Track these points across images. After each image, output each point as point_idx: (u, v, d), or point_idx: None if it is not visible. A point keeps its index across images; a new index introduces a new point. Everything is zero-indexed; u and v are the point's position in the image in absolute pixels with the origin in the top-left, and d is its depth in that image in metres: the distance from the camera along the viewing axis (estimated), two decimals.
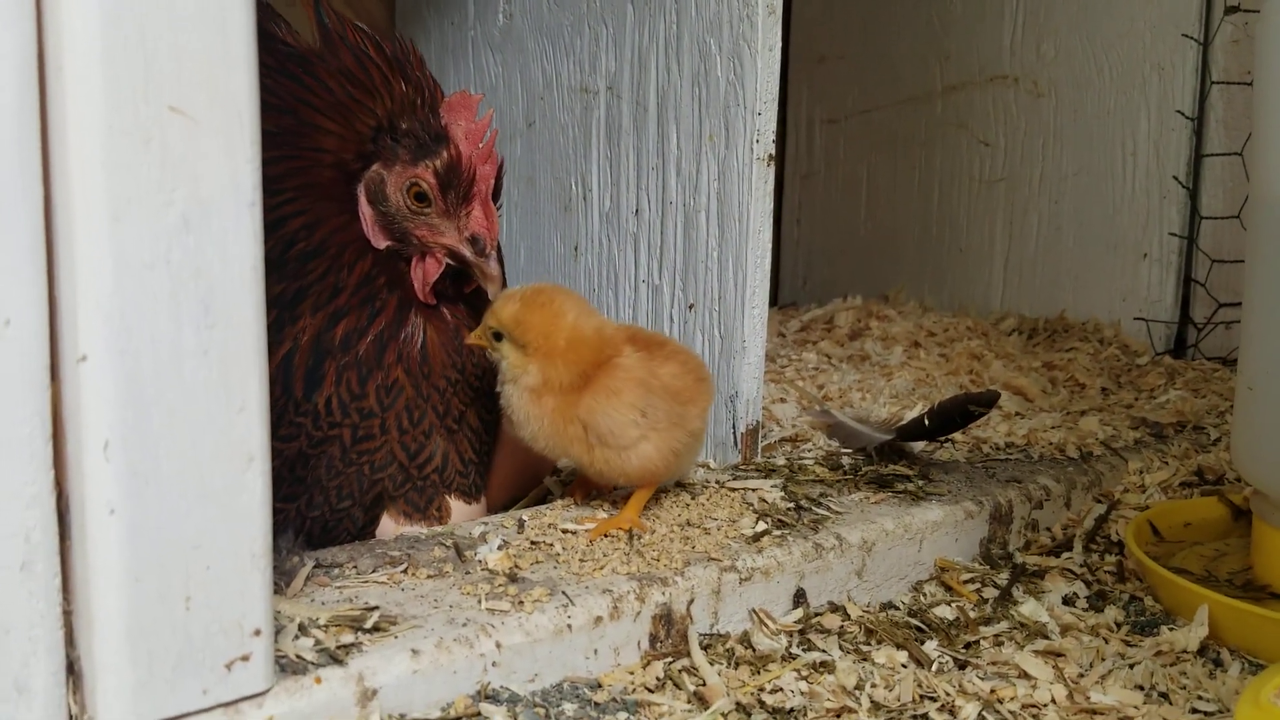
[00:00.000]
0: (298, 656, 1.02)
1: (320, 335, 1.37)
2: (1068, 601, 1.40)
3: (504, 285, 1.43)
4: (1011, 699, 1.16)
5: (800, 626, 1.28)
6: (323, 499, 1.40)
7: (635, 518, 1.35)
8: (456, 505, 1.45)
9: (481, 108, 1.42)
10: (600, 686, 1.14)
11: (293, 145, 1.36)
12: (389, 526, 1.42)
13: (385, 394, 1.40)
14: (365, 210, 1.39)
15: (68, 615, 0.90)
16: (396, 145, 1.38)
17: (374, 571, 1.22)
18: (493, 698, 1.09)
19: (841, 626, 1.30)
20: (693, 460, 1.45)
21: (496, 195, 1.43)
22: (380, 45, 1.39)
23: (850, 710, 1.12)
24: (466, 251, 1.40)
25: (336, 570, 1.22)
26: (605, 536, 1.32)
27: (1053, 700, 1.16)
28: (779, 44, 1.52)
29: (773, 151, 1.54)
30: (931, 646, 1.26)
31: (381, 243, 1.40)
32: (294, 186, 1.36)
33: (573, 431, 1.33)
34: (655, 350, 1.38)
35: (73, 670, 0.92)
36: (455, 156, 1.38)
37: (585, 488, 1.46)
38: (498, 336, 1.35)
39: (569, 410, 1.33)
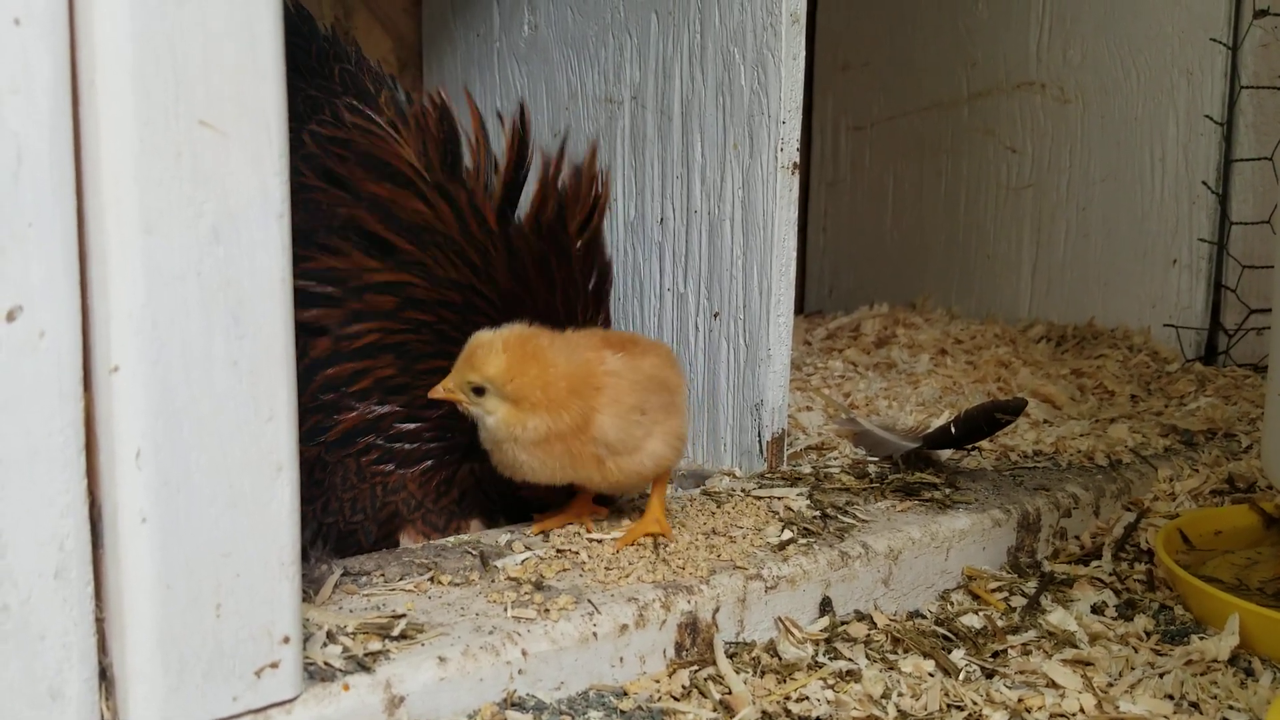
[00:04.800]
0: (326, 664, 1.03)
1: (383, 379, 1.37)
2: (1096, 610, 1.39)
3: None
4: (1040, 708, 1.15)
5: (826, 635, 1.28)
6: (338, 508, 1.40)
7: (661, 519, 1.34)
8: (476, 526, 1.45)
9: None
10: (626, 694, 1.15)
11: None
12: (408, 545, 1.43)
13: (385, 489, 1.41)
14: None
15: (100, 622, 0.92)
16: None
17: (401, 579, 1.23)
18: (519, 705, 1.09)
19: (868, 635, 1.30)
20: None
21: None
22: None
23: (877, 719, 1.12)
24: None
25: (364, 578, 1.23)
26: (632, 545, 1.32)
27: (1081, 710, 1.15)
28: (803, 52, 1.53)
29: (797, 160, 1.54)
30: (959, 655, 1.26)
31: None
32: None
33: (586, 454, 1.28)
34: (630, 348, 1.33)
35: (105, 676, 0.93)
36: None
37: (587, 509, 1.41)
38: (478, 391, 1.26)
39: (577, 440, 1.27)
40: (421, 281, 1.32)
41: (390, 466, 1.38)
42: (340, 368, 1.32)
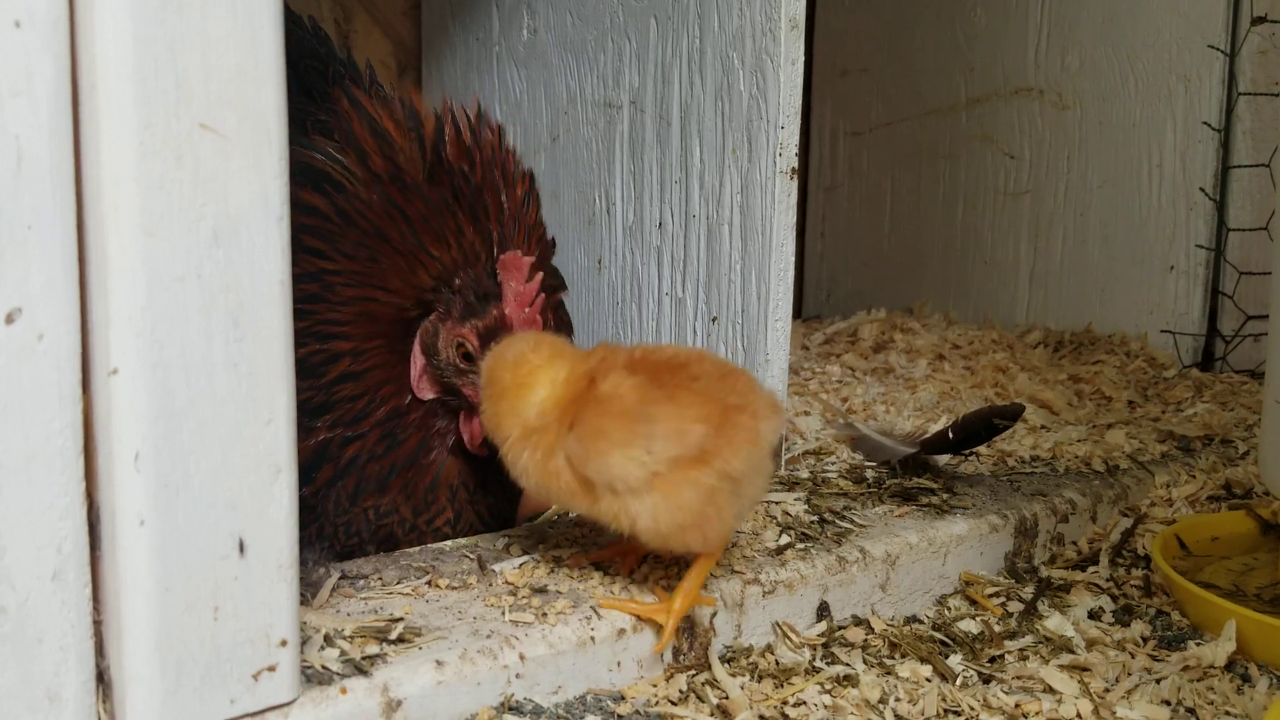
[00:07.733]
0: (323, 667, 1.03)
1: (328, 444, 1.35)
2: (1093, 615, 1.39)
3: None
4: (1037, 714, 1.16)
5: (824, 640, 1.28)
6: (331, 532, 1.40)
7: (672, 608, 1.17)
8: None
9: (532, 270, 1.36)
10: (623, 699, 1.15)
11: (363, 276, 1.33)
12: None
13: (377, 513, 1.40)
14: (418, 359, 1.37)
15: (98, 625, 0.92)
16: (453, 298, 1.35)
17: (399, 583, 1.23)
18: (516, 709, 1.09)
19: (865, 640, 1.30)
20: (738, 515, 1.19)
21: None
22: (468, 182, 1.34)
23: None
24: None
25: (362, 581, 1.23)
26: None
27: (1078, 715, 1.15)
28: (802, 57, 1.53)
29: (795, 165, 1.55)
30: (956, 660, 1.26)
31: (427, 394, 1.38)
32: (354, 314, 1.34)
33: (563, 480, 1.14)
34: (665, 376, 1.15)
35: (102, 679, 0.93)
36: (499, 319, 1.34)
37: (634, 554, 1.28)
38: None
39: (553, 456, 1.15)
40: None
41: (373, 499, 1.38)
42: None
